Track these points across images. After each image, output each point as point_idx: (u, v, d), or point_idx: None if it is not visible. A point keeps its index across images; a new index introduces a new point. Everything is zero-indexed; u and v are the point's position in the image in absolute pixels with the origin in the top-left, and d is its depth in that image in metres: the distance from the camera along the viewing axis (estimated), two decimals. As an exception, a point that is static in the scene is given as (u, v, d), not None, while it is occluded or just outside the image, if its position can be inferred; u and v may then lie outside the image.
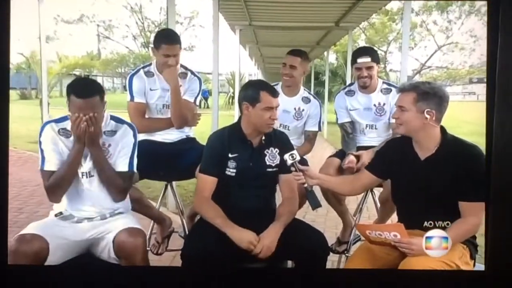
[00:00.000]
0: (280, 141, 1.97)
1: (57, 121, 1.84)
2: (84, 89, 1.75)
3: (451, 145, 1.69)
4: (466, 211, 1.64)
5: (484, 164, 1.62)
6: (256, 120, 1.89)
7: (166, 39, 2.39)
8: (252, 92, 1.88)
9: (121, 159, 1.86)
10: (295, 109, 2.59)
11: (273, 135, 1.97)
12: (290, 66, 2.55)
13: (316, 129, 2.63)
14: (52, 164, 1.79)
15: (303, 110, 2.60)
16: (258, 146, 1.94)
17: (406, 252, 1.63)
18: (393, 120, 1.96)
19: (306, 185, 1.78)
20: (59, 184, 1.77)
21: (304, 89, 2.66)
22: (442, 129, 1.71)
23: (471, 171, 1.63)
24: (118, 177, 1.82)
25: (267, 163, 1.94)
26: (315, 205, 1.77)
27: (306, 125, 2.63)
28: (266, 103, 1.87)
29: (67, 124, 1.81)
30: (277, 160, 1.94)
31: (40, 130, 1.82)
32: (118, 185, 1.83)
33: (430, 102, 1.66)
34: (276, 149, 1.95)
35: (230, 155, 1.90)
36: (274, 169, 1.95)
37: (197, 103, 2.49)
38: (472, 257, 1.69)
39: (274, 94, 1.90)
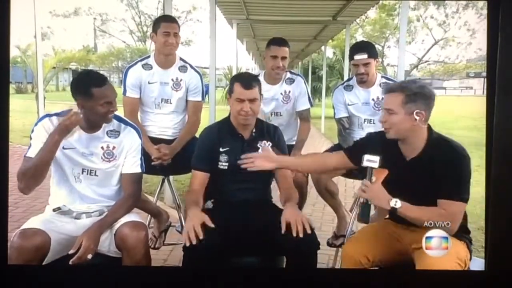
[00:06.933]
0: (273, 135, 1.97)
1: (59, 114, 1.75)
2: (101, 77, 1.76)
3: (436, 146, 1.62)
4: (441, 207, 1.57)
5: (467, 165, 1.58)
6: (232, 112, 1.90)
7: (165, 18, 2.45)
8: (230, 84, 1.92)
9: (133, 160, 1.86)
10: (281, 94, 2.58)
11: (265, 128, 1.98)
12: (282, 58, 2.50)
13: (307, 106, 2.62)
14: (36, 152, 1.70)
15: (289, 91, 2.59)
16: (249, 138, 1.94)
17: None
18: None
19: (362, 199, 1.65)
20: (30, 171, 1.67)
21: (286, 71, 2.61)
22: (429, 128, 1.64)
23: (452, 172, 1.56)
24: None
25: None
26: (363, 217, 1.75)
27: (296, 105, 2.61)
28: (236, 94, 1.86)
29: None
30: None
31: (37, 121, 1.77)
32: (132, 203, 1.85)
33: (418, 102, 1.58)
34: (269, 142, 1.95)
35: (221, 149, 1.91)
36: None
37: (205, 99, 2.51)
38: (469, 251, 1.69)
39: (246, 86, 1.86)
